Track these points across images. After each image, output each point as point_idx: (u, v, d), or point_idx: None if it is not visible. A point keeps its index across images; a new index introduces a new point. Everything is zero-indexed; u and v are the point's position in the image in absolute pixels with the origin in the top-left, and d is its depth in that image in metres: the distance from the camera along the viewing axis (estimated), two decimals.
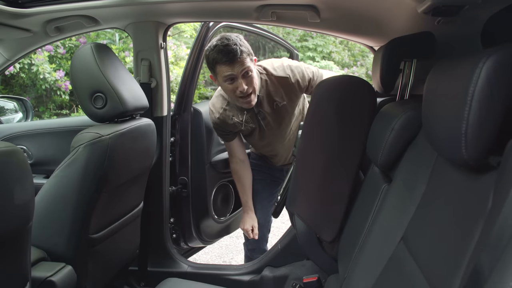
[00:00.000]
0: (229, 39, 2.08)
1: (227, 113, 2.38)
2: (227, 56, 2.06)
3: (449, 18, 1.44)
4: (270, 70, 2.33)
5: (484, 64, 0.75)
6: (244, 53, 2.09)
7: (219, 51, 2.06)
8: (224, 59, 2.07)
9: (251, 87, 2.17)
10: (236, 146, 2.52)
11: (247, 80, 2.14)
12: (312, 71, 2.36)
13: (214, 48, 2.09)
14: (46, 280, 1.46)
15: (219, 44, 2.07)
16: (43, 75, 6.66)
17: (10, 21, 1.83)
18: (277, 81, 2.32)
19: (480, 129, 0.76)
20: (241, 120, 2.38)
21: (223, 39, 2.09)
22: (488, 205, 0.75)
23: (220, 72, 2.12)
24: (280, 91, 2.33)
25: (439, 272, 0.85)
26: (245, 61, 2.10)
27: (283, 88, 2.33)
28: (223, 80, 2.15)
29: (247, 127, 2.41)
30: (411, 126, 1.30)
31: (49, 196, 1.62)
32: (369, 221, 1.37)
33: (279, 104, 2.36)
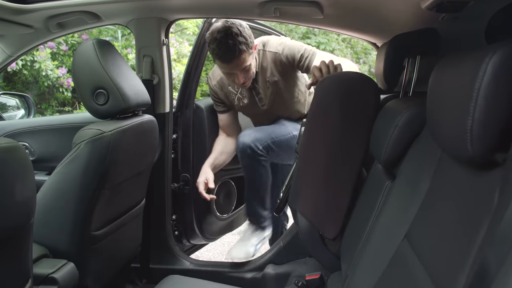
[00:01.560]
0: (229, 33, 2.07)
1: (224, 81, 2.43)
2: (225, 56, 2.09)
3: (453, 14, 1.43)
4: (266, 46, 2.36)
5: (490, 59, 0.74)
6: (243, 52, 2.11)
7: (218, 47, 2.07)
8: (222, 58, 2.11)
9: (248, 78, 2.24)
10: (227, 120, 2.54)
11: (245, 74, 2.20)
12: (304, 48, 2.33)
13: (214, 41, 2.08)
14: (48, 276, 1.46)
15: (219, 38, 2.07)
16: (46, 72, 6.66)
17: (12, 17, 1.83)
18: (269, 57, 2.34)
19: (486, 125, 0.76)
20: (236, 91, 2.44)
21: (223, 32, 2.07)
22: (494, 202, 0.74)
23: (218, 65, 2.22)
24: (271, 66, 2.35)
25: (444, 269, 0.84)
26: (244, 59, 2.13)
27: (275, 64, 2.34)
28: (221, 71, 2.25)
29: (240, 101, 2.45)
30: (415, 122, 1.29)
31: (51, 193, 1.62)
32: (372, 218, 1.36)
33: (270, 80, 2.36)
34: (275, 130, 2.38)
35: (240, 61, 2.12)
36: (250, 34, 2.17)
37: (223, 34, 2.06)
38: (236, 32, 2.08)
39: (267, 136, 2.29)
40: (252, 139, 2.25)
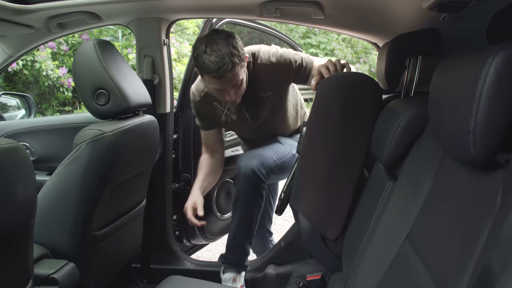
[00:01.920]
0: (220, 48, 1.84)
1: (209, 97, 2.19)
2: (217, 72, 1.84)
3: (454, 14, 1.43)
4: (256, 57, 2.13)
5: (493, 60, 0.74)
6: (236, 65, 1.87)
7: (209, 61, 1.83)
8: (213, 73, 1.85)
9: (239, 94, 2.03)
10: (212, 138, 2.33)
11: (236, 89, 1.99)
12: (301, 57, 2.16)
13: (203, 54, 1.84)
14: (48, 277, 1.46)
15: (209, 52, 1.83)
16: (46, 72, 6.67)
17: (13, 17, 1.83)
18: (262, 69, 2.12)
19: (489, 126, 0.75)
20: (223, 107, 2.24)
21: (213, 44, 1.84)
22: (497, 204, 0.74)
23: (207, 81, 1.96)
24: (265, 80, 2.15)
25: (446, 271, 0.84)
26: (237, 73, 1.91)
27: (268, 76, 2.14)
28: (210, 87, 2.02)
29: (228, 117, 2.26)
30: (417, 123, 1.29)
31: (51, 193, 1.62)
32: (374, 219, 1.36)
33: (263, 95, 2.19)
34: (276, 151, 2.22)
35: (233, 75, 1.89)
36: (241, 45, 1.94)
37: (214, 49, 1.84)
38: (227, 48, 1.85)
39: (270, 159, 2.13)
40: (256, 163, 2.07)
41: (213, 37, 1.87)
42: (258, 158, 2.09)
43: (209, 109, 2.24)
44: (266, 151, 2.17)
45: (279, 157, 2.17)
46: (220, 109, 2.24)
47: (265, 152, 2.16)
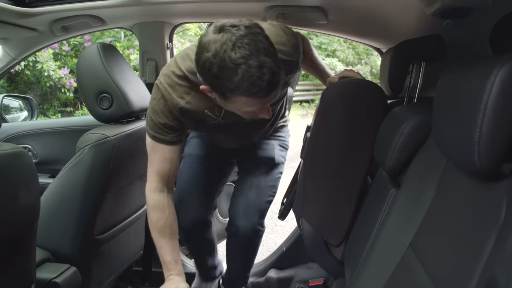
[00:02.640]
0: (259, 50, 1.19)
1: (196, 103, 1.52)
2: (267, 91, 1.24)
3: (458, 20, 1.43)
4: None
5: (498, 72, 0.74)
6: (281, 81, 1.29)
7: (252, 78, 1.19)
8: (259, 95, 1.24)
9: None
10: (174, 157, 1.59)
11: (272, 106, 1.50)
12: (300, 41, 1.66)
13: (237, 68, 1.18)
14: (51, 281, 1.46)
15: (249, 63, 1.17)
16: (48, 73, 6.69)
17: (17, 20, 1.83)
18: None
19: (494, 137, 0.75)
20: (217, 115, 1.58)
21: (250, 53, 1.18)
22: (502, 215, 0.74)
23: (241, 102, 1.29)
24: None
25: (450, 281, 0.84)
26: (279, 89, 1.31)
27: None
28: (238, 110, 1.36)
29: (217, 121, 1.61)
30: (420, 130, 1.28)
31: (54, 197, 1.62)
32: (377, 226, 1.36)
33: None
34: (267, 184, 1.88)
35: (278, 91, 1.29)
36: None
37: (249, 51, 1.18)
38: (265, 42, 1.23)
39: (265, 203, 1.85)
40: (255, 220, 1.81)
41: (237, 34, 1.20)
42: (255, 211, 1.81)
43: (194, 116, 1.57)
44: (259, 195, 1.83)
45: (272, 193, 1.89)
46: (211, 117, 1.59)
47: (259, 198, 1.83)
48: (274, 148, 1.96)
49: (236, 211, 1.83)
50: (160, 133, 1.53)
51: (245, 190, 1.86)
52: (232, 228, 1.85)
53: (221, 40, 1.19)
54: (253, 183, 1.87)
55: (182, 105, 1.50)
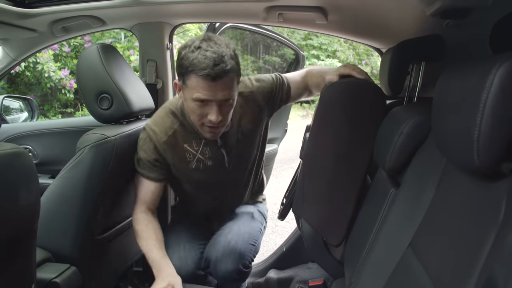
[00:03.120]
0: (220, 44, 1.51)
1: (178, 138, 1.75)
2: (212, 69, 1.46)
3: (458, 20, 1.43)
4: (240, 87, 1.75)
5: (497, 70, 0.74)
6: (234, 73, 1.53)
7: (203, 57, 1.46)
8: (205, 72, 1.46)
9: (225, 118, 1.62)
10: (159, 191, 1.80)
11: (223, 109, 1.58)
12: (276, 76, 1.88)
13: (196, 50, 1.48)
14: (51, 281, 1.46)
15: (205, 47, 1.48)
16: (48, 74, 6.70)
17: (17, 21, 1.83)
18: (245, 100, 1.80)
19: (493, 136, 0.75)
20: (196, 150, 1.77)
21: (211, 42, 1.51)
22: (501, 214, 0.74)
23: (193, 86, 1.52)
24: (248, 111, 1.82)
25: (449, 279, 0.84)
26: (232, 85, 1.54)
27: (252, 107, 1.82)
28: (191, 98, 1.55)
29: (200, 163, 1.78)
30: (420, 130, 1.29)
31: (54, 197, 1.62)
32: (376, 226, 1.36)
33: (243, 130, 1.82)
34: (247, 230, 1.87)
35: (227, 82, 1.52)
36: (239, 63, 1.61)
37: (212, 45, 1.50)
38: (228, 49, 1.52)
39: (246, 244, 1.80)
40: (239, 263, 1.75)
41: (209, 36, 1.55)
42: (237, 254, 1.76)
43: (176, 154, 1.77)
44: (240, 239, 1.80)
45: (254, 240, 1.86)
46: (191, 153, 1.77)
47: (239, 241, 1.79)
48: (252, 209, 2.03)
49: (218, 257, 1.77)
50: (147, 170, 1.75)
51: (227, 236, 1.81)
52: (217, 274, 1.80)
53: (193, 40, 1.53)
54: (233, 229, 1.86)
55: (165, 139, 1.73)
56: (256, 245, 1.87)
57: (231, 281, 1.79)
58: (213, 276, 1.83)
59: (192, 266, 1.80)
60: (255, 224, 1.94)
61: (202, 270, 1.85)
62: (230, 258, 1.74)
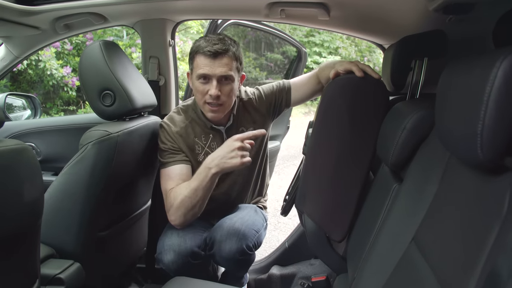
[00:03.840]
0: (225, 37, 1.81)
1: (189, 131, 1.94)
2: (211, 47, 1.74)
3: (460, 16, 1.43)
4: (241, 94, 2.01)
5: (501, 63, 0.74)
6: (232, 54, 1.78)
7: (207, 40, 1.77)
8: (207, 49, 1.74)
9: (224, 96, 1.80)
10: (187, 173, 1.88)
11: (222, 87, 1.79)
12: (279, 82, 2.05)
13: (202, 38, 1.82)
14: (55, 277, 1.47)
15: (211, 36, 1.80)
16: (50, 71, 6.71)
17: (19, 18, 1.83)
18: (244, 105, 2.00)
19: (497, 129, 0.75)
20: (204, 143, 1.95)
21: (219, 34, 1.84)
22: (504, 208, 0.74)
23: (197, 65, 1.78)
24: (247, 115, 2.00)
25: (452, 274, 0.84)
26: (230, 64, 1.77)
27: (251, 112, 2.00)
28: (196, 77, 1.79)
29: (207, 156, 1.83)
30: (423, 125, 1.28)
31: (58, 194, 1.62)
32: (379, 221, 1.36)
33: (244, 129, 1.95)
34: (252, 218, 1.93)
35: (226, 61, 1.76)
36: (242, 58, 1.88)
37: (219, 36, 1.81)
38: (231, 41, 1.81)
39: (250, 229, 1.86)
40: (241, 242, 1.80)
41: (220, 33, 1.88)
42: (241, 234, 1.81)
43: (187, 144, 1.93)
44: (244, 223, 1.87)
45: (257, 228, 1.92)
46: (200, 145, 1.95)
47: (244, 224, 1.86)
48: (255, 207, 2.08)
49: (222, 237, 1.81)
50: (169, 157, 1.88)
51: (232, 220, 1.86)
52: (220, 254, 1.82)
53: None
54: (237, 215, 1.91)
55: (177, 130, 1.91)
56: (259, 234, 1.91)
57: (234, 262, 1.82)
58: (217, 259, 1.85)
59: (191, 243, 1.84)
60: (258, 216, 1.99)
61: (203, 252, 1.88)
62: (234, 238, 1.79)
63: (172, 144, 1.89)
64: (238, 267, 1.94)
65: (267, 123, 2.06)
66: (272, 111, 2.05)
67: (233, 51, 1.79)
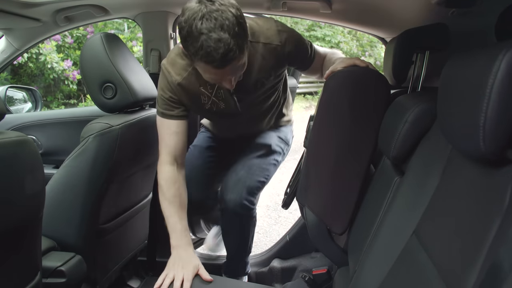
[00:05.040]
0: (222, 26, 1.35)
1: (192, 80, 1.70)
2: (220, 62, 1.40)
3: (463, 9, 1.43)
4: (259, 36, 1.67)
5: (504, 56, 0.73)
6: (243, 51, 1.46)
7: (209, 47, 1.36)
8: (215, 64, 1.41)
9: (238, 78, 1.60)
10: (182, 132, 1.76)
11: (237, 75, 1.57)
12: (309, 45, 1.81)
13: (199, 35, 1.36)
14: (56, 269, 1.48)
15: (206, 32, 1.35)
16: (51, 65, 6.70)
17: (20, 10, 1.83)
18: (266, 51, 1.69)
19: (499, 122, 0.75)
20: (210, 92, 1.75)
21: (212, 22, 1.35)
22: (506, 200, 0.74)
23: (202, 69, 1.51)
24: (267, 64, 1.72)
25: (454, 266, 0.84)
26: (242, 59, 1.49)
27: (272, 60, 1.72)
28: (202, 73, 1.54)
29: (214, 105, 1.78)
30: (425, 118, 1.28)
31: (59, 186, 1.62)
32: (381, 214, 1.36)
33: (265, 82, 1.78)
34: (260, 167, 1.96)
35: (238, 62, 1.47)
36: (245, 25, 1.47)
37: (213, 25, 1.36)
38: (232, 21, 1.38)
39: (255, 183, 1.91)
40: (243, 195, 1.86)
41: (210, 8, 1.37)
42: (244, 187, 1.87)
43: (191, 95, 1.74)
44: (250, 173, 1.92)
45: (265, 176, 1.97)
46: (206, 95, 1.76)
47: (249, 176, 1.91)
48: (272, 137, 2.10)
49: (225, 186, 1.92)
50: (166, 108, 1.72)
51: (237, 169, 1.96)
52: (222, 205, 1.93)
53: (195, 9, 1.38)
54: (246, 163, 1.98)
55: (179, 81, 1.69)
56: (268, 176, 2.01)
57: (234, 214, 1.90)
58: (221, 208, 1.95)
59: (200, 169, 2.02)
60: (271, 157, 2.04)
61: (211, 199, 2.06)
62: (236, 189, 1.88)
63: (171, 96, 1.71)
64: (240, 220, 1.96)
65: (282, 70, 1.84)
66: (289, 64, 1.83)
67: (243, 45, 1.44)
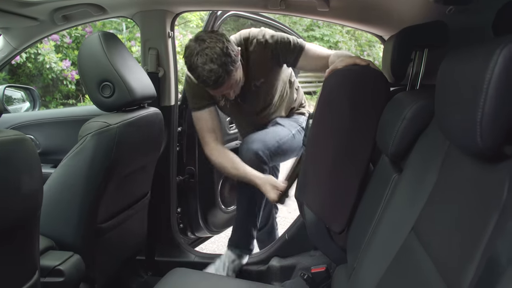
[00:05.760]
0: (211, 59, 1.84)
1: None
2: (213, 85, 1.92)
3: (461, 7, 1.42)
4: (249, 44, 2.13)
5: (501, 51, 0.73)
6: (231, 73, 1.91)
7: (203, 76, 1.87)
8: (210, 87, 1.96)
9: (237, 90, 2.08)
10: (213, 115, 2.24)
11: (234, 88, 2.04)
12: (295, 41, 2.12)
13: (196, 68, 1.87)
14: (54, 268, 1.47)
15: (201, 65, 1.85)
16: (50, 65, 6.68)
17: (17, 9, 1.83)
18: (255, 55, 2.13)
19: (496, 118, 0.75)
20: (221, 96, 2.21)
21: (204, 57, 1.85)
22: (503, 196, 0.74)
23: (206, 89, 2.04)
24: (258, 67, 2.15)
25: (452, 262, 0.84)
26: (233, 78, 1.96)
27: (259, 63, 2.14)
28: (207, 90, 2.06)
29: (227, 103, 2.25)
30: (423, 115, 1.28)
31: (57, 185, 1.62)
32: (379, 211, 1.36)
33: (256, 83, 2.18)
34: (277, 133, 2.24)
35: (229, 82, 1.95)
36: (233, 46, 1.92)
37: (205, 59, 1.86)
38: (219, 54, 1.86)
39: (272, 141, 2.17)
40: (258, 146, 2.12)
41: (202, 46, 1.86)
42: (260, 141, 2.14)
43: (207, 93, 2.15)
44: (267, 135, 2.21)
45: (280, 139, 2.20)
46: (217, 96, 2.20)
47: (266, 136, 2.20)
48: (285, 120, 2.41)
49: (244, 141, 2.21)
50: (198, 101, 2.20)
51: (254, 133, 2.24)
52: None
53: (192, 47, 1.89)
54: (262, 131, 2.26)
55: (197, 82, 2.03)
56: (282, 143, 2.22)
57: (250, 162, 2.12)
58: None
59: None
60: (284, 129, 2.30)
61: None
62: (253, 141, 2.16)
63: (198, 90, 2.14)
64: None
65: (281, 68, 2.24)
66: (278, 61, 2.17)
67: (230, 69, 1.89)
